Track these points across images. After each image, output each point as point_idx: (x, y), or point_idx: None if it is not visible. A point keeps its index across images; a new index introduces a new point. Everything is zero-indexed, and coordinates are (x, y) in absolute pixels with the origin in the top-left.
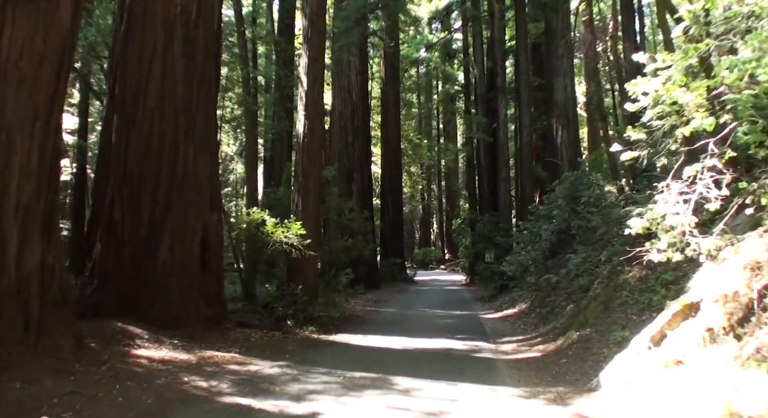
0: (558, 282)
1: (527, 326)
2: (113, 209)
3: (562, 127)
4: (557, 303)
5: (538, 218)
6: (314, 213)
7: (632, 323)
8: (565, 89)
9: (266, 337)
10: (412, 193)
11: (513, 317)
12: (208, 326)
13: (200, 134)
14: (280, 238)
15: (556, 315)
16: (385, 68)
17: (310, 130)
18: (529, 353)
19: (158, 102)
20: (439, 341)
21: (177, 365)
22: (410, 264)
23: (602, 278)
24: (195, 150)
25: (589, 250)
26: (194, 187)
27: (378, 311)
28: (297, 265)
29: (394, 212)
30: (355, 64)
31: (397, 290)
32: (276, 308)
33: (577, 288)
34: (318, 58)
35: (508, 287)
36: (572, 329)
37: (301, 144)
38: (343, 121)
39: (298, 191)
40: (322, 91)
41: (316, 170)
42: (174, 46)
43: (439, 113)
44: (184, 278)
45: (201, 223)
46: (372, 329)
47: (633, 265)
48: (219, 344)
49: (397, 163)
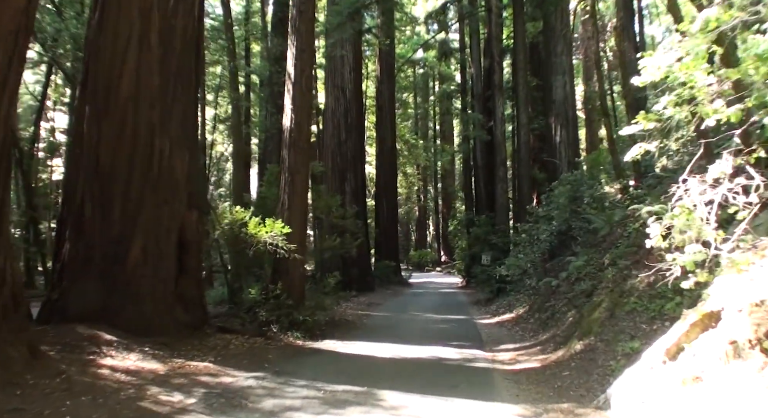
0: (558, 286)
1: (525, 333)
2: (83, 206)
3: (561, 126)
4: (557, 308)
5: (537, 219)
6: (301, 212)
7: (642, 333)
8: (564, 87)
9: (247, 344)
10: (408, 194)
11: (510, 322)
12: (185, 332)
13: (177, 128)
14: (264, 238)
15: (556, 321)
16: (380, 66)
17: (297, 124)
18: (529, 363)
19: (132, 93)
20: (432, 348)
21: (143, 376)
22: (406, 266)
23: (607, 283)
24: (171, 144)
25: (591, 252)
26: (170, 183)
27: (369, 315)
28: (282, 267)
29: (388, 212)
30: (348, 61)
31: (391, 293)
32: (259, 312)
33: (578, 293)
34: (306, 49)
35: (505, 291)
36: (575, 338)
37: (288, 139)
38: (336, 119)
39: (284, 189)
40: (310, 84)
41: (303, 167)
42: (150, 34)
43: (435, 114)
44: (157, 280)
45: (177, 222)
46: (361, 335)
47: (641, 269)
48: (194, 352)
49: (392, 163)
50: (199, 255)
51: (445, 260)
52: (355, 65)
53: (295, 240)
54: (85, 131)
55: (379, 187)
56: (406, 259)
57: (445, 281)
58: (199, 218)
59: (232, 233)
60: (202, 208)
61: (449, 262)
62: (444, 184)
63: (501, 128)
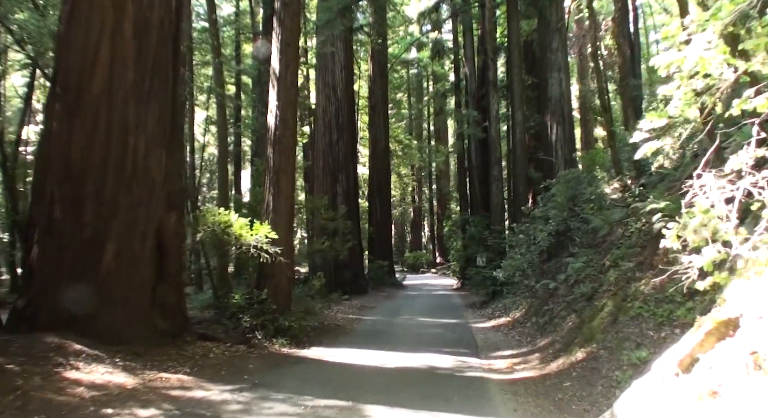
0: (556, 289)
1: (522, 338)
2: (53, 208)
3: (556, 124)
4: (556, 312)
5: (534, 219)
6: (287, 213)
7: (649, 341)
8: (560, 84)
9: (228, 352)
10: (402, 195)
11: (506, 326)
12: (163, 340)
13: (154, 125)
14: (249, 241)
15: (555, 326)
16: (373, 65)
17: (282, 121)
18: (526, 371)
19: (105, 88)
20: (425, 356)
21: (108, 391)
22: (401, 268)
23: (609, 286)
24: (147, 142)
25: (591, 253)
26: (145, 183)
27: (361, 319)
28: (268, 271)
29: (382, 214)
30: (339, 59)
31: (385, 296)
32: (243, 318)
33: (578, 296)
34: (291, 42)
35: (500, 293)
36: (575, 345)
37: (272, 137)
38: (327, 118)
39: (268, 190)
40: (295, 80)
41: (288, 166)
42: (124, 27)
43: (429, 115)
44: (132, 286)
45: (153, 224)
46: (351, 341)
47: (645, 271)
48: (169, 363)
49: (385, 163)
50: (180, 259)
51: (440, 261)
52: (346, 63)
53: (281, 243)
54: (54, 129)
55: (373, 188)
56: (400, 260)
57: (439, 283)
58: (178, 220)
59: (215, 235)
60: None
61: (444, 263)
62: (439, 185)
63: (496, 126)
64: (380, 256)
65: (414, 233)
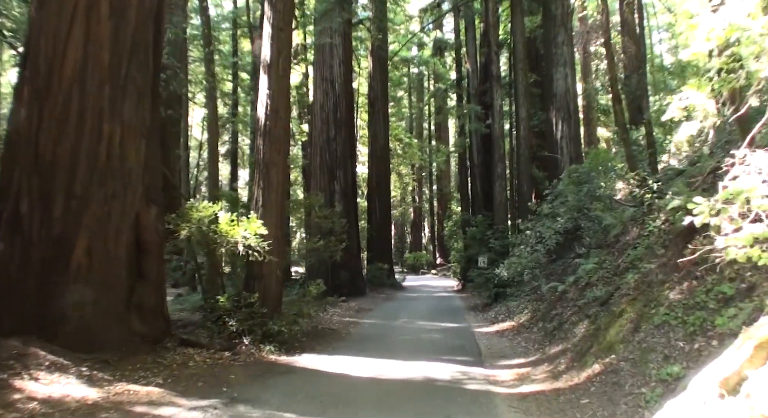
0: (564, 292)
1: (529, 344)
2: (19, 201)
3: (562, 120)
4: (566, 317)
5: (540, 216)
6: (277, 210)
7: (680, 354)
8: (565, 79)
9: (210, 360)
10: (402, 195)
11: (511, 331)
12: (140, 346)
13: (131, 112)
14: (237, 238)
15: (565, 333)
16: (372, 62)
17: (273, 111)
18: (537, 384)
19: (78, 72)
20: (424, 365)
21: (64, 406)
22: (401, 269)
23: (627, 289)
24: (123, 130)
25: (603, 254)
26: (121, 175)
27: (358, 323)
28: (257, 271)
29: (381, 213)
30: (338, 52)
31: (383, 298)
32: (229, 322)
33: (591, 300)
34: (284, 28)
35: (504, 295)
36: (591, 355)
37: (262, 128)
38: (325, 114)
39: (257, 184)
40: (288, 67)
41: (279, 159)
42: (100, 4)
43: (430, 114)
44: (105, 286)
45: (129, 220)
46: (345, 348)
47: (669, 273)
48: (142, 372)
49: (385, 162)
50: (160, 257)
51: (441, 262)
52: (344, 57)
53: (271, 240)
54: (23, 116)
55: (372, 187)
56: (400, 261)
57: (440, 285)
58: (159, 216)
59: (201, 232)
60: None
61: (444, 264)
62: (439, 185)
63: (499, 122)
64: (379, 257)
65: (414, 234)
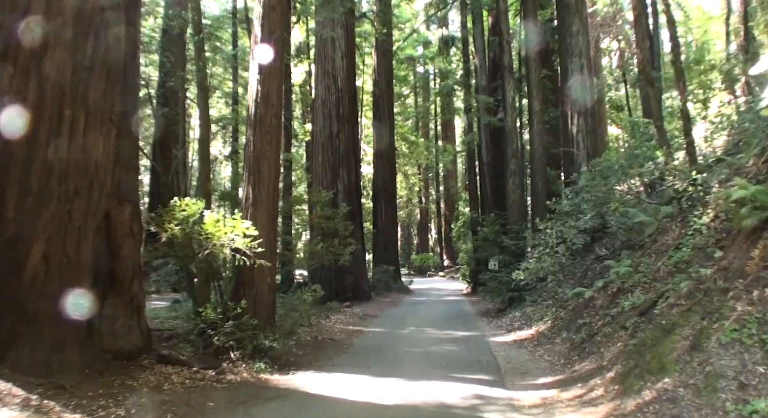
0: (592, 298)
1: (554, 358)
2: None
3: (578, 114)
4: (596, 328)
5: (560, 215)
6: (270, 208)
7: (763, 382)
8: (581, 71)
9: (190, 381)
10: (409, 196)
11: (531, 341)
12: (110, 366)
13: (99, 97)
14: (224, 240)
15: (597, 346)
16: (377, 58)
17: (264, 98)
18: (572, 411)
19: (35, 48)
20: (435, 386)
21: None
22: (408, 271)
23: (677, 298)
24: (88, 118)
25: (637, 255)
26: (85, 169)
27: (362, 332)
28: (246, 277)
29: (387, 214)
30: (340, 45)
31: (390, 302)
32: (214, 335)
33: (627, 309)
34: (276, 5)
35: (518, 300)
36: (635, 377)
37: (252, 116)
38: (327, 109)
39: (247, 179)
40: (281, 49)
41: (271, 151)
42: None
43: (436, 114)
44: (65, 298)
45: (95, 220)
46: (346, 363)
47: (732, 280)
48: (102, 400)
49: (390, 161)
50: (136, 263)
51: (448, 264)
52: (347, 51)
53: (262, 242)
54: None
55: (377, 187)
56: (407, 263)
57: (448, 288)
58: (134, 216)
59: (184, 233)
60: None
61: (452, 266)
62: (446, 185)
63: (512, 115)
64: (385, 259)
65: (421, 235)
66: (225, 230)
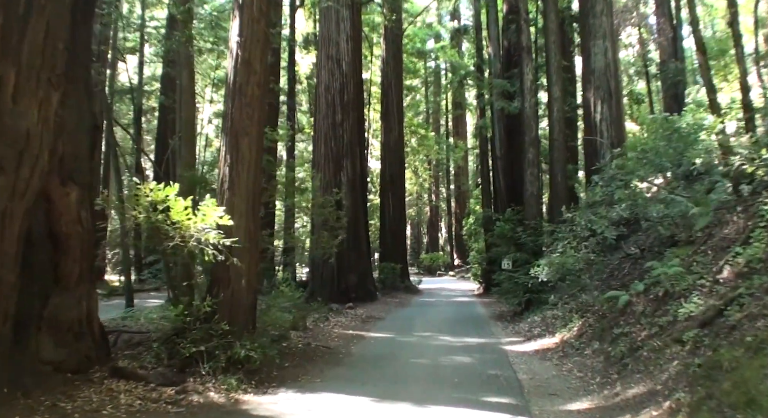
0: (629, 303)
1: (587, 374)
2: None
3: (601, 100)
4: (639, 340)
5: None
6: (250, 192)
7: None
8: (605, 54)
9: (142, 402)
10: (419, 193)
11: (555, 351)
12: (48, 380)
13: (35, 52)
14: (192, 231)
15: (644, 363)
16: (386, 46)
17: (245, 63)
18: None
19: None
20: (444, 412)
21: None
22: (417, 270)
23: (759, 308)
24: (19, 77)
25: (688, 253)
26: (13, 139)
27: (363, 338)
28: (222, 275)
29: (395, 210)
30: (345, 28)
31: (397, 303)
32: (181, 344)
33: (682, 319)
34: None
35: (537, 302)
36: (709, 410)
37: (231, 86)
38: (331, 96)
39: (224, 159)
40: (267, 8)
41: (253, 126)
42: None
43: (448, 110)
44: None
45: (26, 202)
46: (339, 377)
47: None
48: None
49: (399, 155)
50: (87, 256)
51: (459, 263)
52: (353, 33)
53: (240, 234)
54: None
55: (385, 182)
56: (416, 262)
57: (459, 288)
58: (84, 200)
59: (149, 222)
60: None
61: (463, 266)
62: (457, 182)
63: (531, 100)
64: (392, 257)
65: (431, 234)
66: (195, 219)
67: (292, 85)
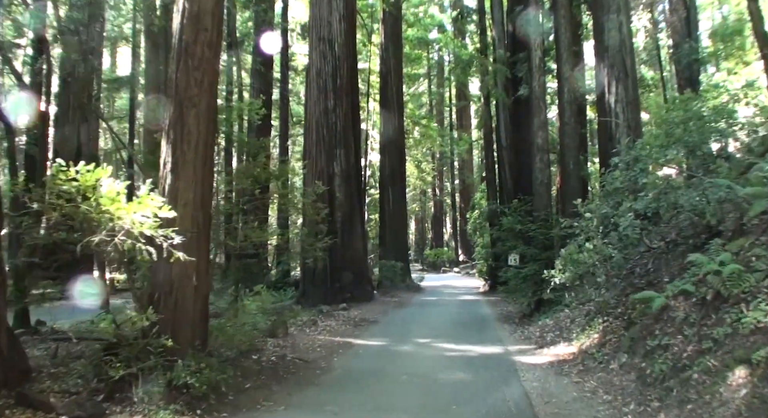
0: (665, 308)
1: (617, 397)
2: None
3: (616, 80)
4: (686, 355)
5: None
6: (200, 177)
7: None
8: (619, 29)
9: None
10: (423, 188)
11: (573, 364)
12: None
13: None
14: (126, 222)
15: (694, 387)
16: (384, 31)
17: (194, 18)
18: None
19: None
20: None
21: None
22: (421, 266)
23: None
24: None
25: (742, 245)
26: None
27: (350, 346)
28: (163, 278)
29: (395, 205)
30: (338, 7)
31: (395, 303)
32: (110, 363)
33: (745, 331)
34: None
35: (549, 303)
36: None
37: (176, 46)
38: (322, 79)
39: (166, 136)
40: None
41: (203, 95)
42: None
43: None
44: None
45: None
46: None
47: None
48: None
49: (399, 147)
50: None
51: (464, 259)
52: (346, 12)
53: (184, 227)
54: None
55: (384, 175)
56: (420, 258)
57: (463, 285)
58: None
59: (76, 211)
60: None
61: (468, 261)
62: (461, 176)
63: (540, 78)
64: (393, 254)
65: (435, 229)
66: (128, 209)
67: (284, 71)
